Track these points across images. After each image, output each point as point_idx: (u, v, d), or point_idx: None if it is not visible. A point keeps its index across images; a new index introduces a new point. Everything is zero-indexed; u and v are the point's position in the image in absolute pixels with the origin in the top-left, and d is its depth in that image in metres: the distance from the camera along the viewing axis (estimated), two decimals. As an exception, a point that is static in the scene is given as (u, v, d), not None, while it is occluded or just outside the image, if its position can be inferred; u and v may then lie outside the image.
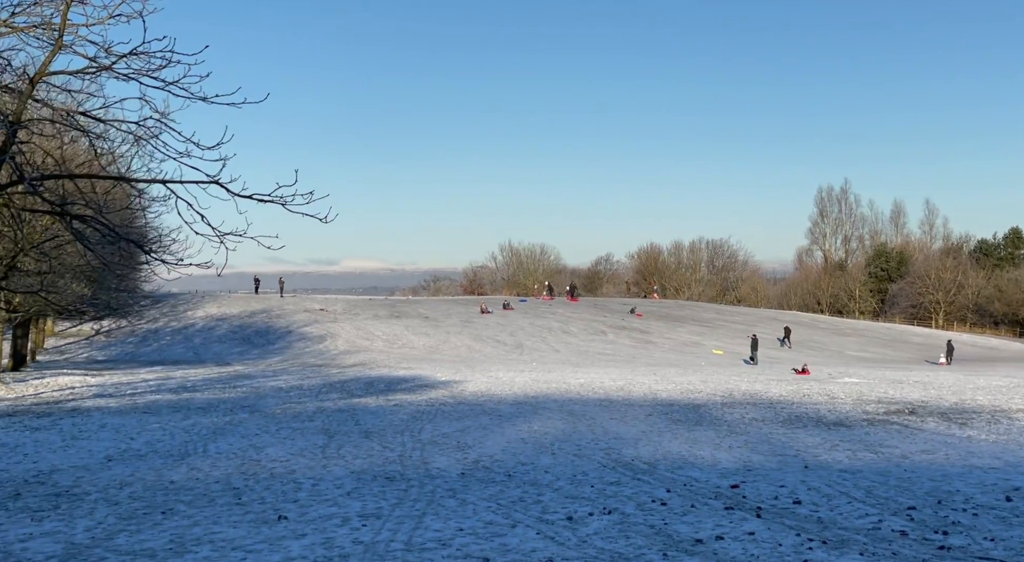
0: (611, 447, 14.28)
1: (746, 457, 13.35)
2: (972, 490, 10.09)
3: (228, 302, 56.22)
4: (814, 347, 54.68)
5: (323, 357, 41.87)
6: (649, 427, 17.52)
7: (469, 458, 12.73)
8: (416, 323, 52.93)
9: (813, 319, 70.03)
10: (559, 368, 36.95)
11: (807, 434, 16.64)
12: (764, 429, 17.46)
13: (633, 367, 38.40)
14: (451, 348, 47.11)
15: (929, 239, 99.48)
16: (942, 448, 14.66)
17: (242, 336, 47.60)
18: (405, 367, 35.85)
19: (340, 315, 54.06)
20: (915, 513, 8.75)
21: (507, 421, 18.18)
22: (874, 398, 24.46)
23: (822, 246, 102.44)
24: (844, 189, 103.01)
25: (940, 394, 26.03)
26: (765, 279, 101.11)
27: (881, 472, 11.58)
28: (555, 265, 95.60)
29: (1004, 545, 7.27)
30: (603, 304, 66.16)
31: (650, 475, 11.22)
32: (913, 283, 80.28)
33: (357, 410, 19.97)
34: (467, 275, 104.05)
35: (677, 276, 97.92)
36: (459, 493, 9.79)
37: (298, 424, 16.81)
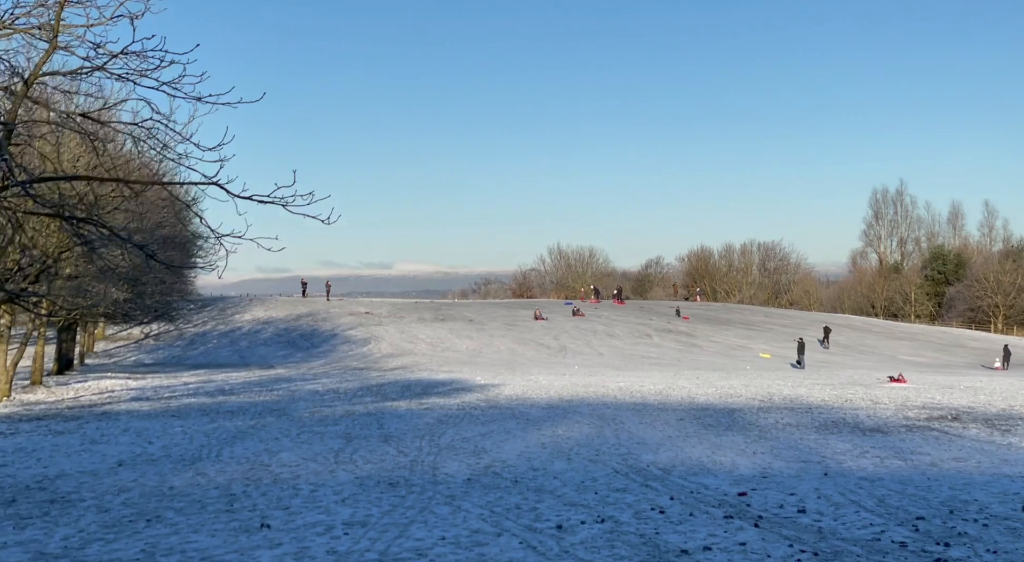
0: (631, 452, 14.02)
1: (767, 463, 12.99)
2: (991, 499, 9.66)
3: (275, 306, 56.90)
4: (865, 351, 53.46)
5: (366, 360, 42.08)
6: (677, 432, 17.20)
7: (481, 463, 12.58)
8: (460, 326, 52.96)
9: (866, 322, 68.53)
10: (600, 371, 36.61)
11: (839, 440, 16.18)
12: (795, 435, 17.02)
13: (676, 371, 37.90)
14: (494, 351, 47.00)
15: (989, 241, 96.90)
16: (976, 455, 14.13)
17: (287, 339, 48.10)
18: (445, 370, 35.84)
19: (385, 318, 54.34)
20: (922, 523, 8.39)
21: (533, 425, 17.99)
22: (919, 404, 23.77)
23: (877, 248, 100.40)
24: (900, 190, 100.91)
25: (989, 400, 25.22)
26: (818, 282, 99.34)
27: (903, 480, 11.16)
28: (603, 268, 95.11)
29: (1006, 557, 6.91)
30: (649, 307, 65.55)
31: (660, 481, 10.95)
32: (971, 286, 78.12)
33: (385, 414, 19.95)
34: (516, 278, 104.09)
35: (728, 279, 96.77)
36: (457, 500, 9.65)
37: (321, 428, 16.83)
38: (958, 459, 13.69)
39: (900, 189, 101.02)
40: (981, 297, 77.05)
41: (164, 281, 29.37)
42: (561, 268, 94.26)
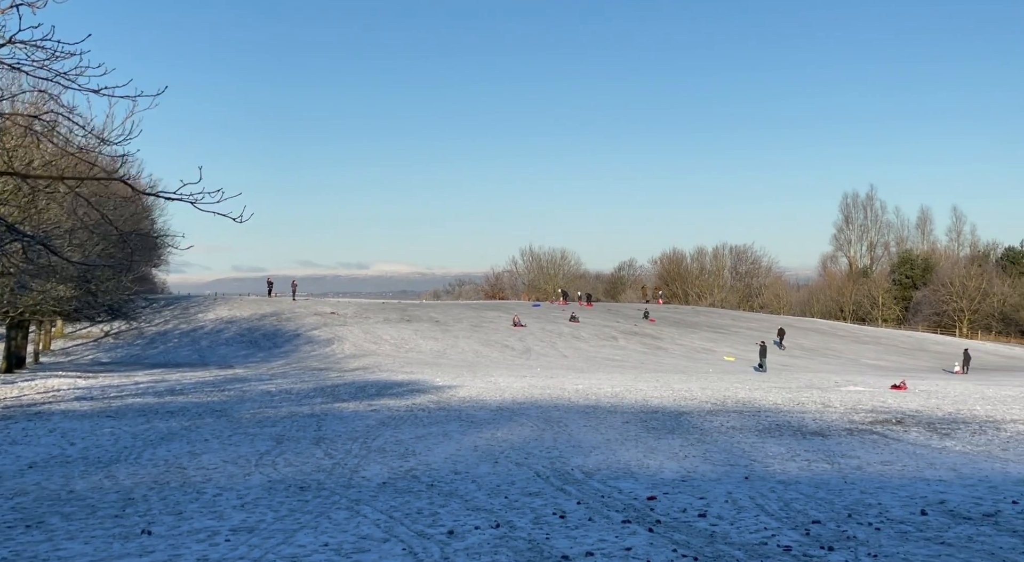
0: (562, 456, 13.93)
1: (694, 467, 12.94)
2: (895, 503, 9.67)
3: (239, 305, 56.44)
4: (829, 355, 53.78)
5: (327, 361, 41.78)
6: (618, 435, 17.13)
7: (404, 467, 12.44)
8: (426, 327, 52.75)
9: (832, 326, 68.96)
10: (562, 374, 36.51)
11: (776, 443, 16.16)
12: (735, 438, 17.00)
13: (637, 374, 37.88)
14: (458, 353, 46.83)
15: (956, 246, 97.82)
16: (905, 459, 14.15)
17: (249, 339, 47.70)
18: (406, 372, 35.61)
19: (350, 319, 54.03)
20: (816, 527, 8.37)
21: (475, 428, 17.87)
22: (869, 407, 23.85)
23: (847, 252, 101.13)
24: (870, 195, 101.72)
25: (939, 404, 25.34)
26: (789, 285, 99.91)
27: (819, 484, 11.15)
28: (575, 270, 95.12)
29: (885, 560, 6.86)
30: (617, 309, 65.63)
31: (578, 485, 10.86)
32: (937, 291, 78.84)
33: (329, 416, 19.76)
34: (488, 280, 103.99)
35: (700, 282, 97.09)
36: (361, 504, 9.51)
37: (256, 430, 16.63)
38: (885, 463, 13.71)
39: (870, 194, 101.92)
40: (947, 301, 77.78)
41: (112, 278, 28.93)
42: (533, 270, 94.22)
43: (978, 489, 10.94)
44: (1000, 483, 11.56)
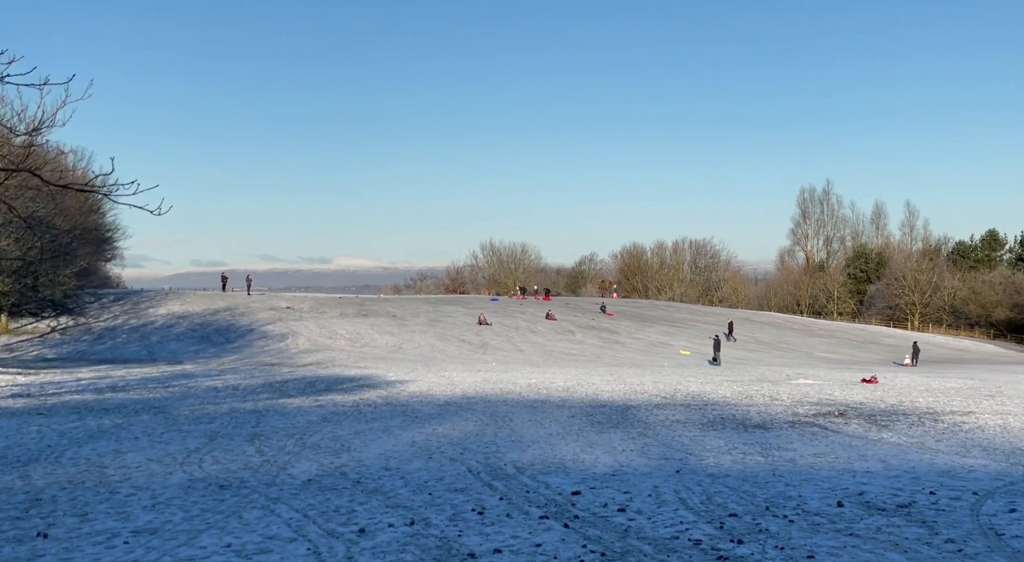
0: (498, 451, 13.85)
1: (629, 461, 12.94)
2: (815, 495, 9.73)
3: (192, 300, 55.69)
4: (783, 348, 54.33)
5: (280, 356, 41.36)
6: (560, 429, 17.09)
7: (335, 463, 12.29)
8: (382, 322, 52.45)
9: (787, 320, 69.70)
10: (517, 368, 36.46)
11: (716, 437, 16.22)
12: (677, 431, 17.04)
13: (592, 367, 37.93)
14: (414, 347, 46.62)
15: (910, 241, 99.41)
16: (838, 451, 14.28)
17: (201, 334, 47.06)
18: (360, 367, 35.35)
19: (306, 313, 53.55)
20: (732, 520, 8.39)
21: (417, 423, 17.74)
22: (814, 400, 24.05)
23: (804, 247, 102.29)
24: (826, 190, 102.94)
25: (884, 396, 25.64)
26: (747, 279, 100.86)
27: (747, 477, 11.19)
28: (535, 264, 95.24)
29: (791, 552, 6.90)
30: (575, 304, 65.74)
31: (506, 481, 10.80)
32: (890, 284, 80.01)
33: (272, 412, 19.52)
34: (449, 274, 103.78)
35: (660, 276, 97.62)
36: (279, 502, 9.36)
37: (191, 426, 16.35)
38: (818, 455, 13.81)
39: (827, 189, 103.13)
40: (899, 295, 78.96)
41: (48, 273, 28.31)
42: (494, 264, 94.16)
43: (901, 480, 11.05)
44: (924, 474, 11.69)
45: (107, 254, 74.64)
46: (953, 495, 9.83)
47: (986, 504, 9.28)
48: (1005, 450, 14.76)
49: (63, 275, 30.06)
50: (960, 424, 18.76)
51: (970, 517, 8.57)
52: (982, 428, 18.13)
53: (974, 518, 8.52)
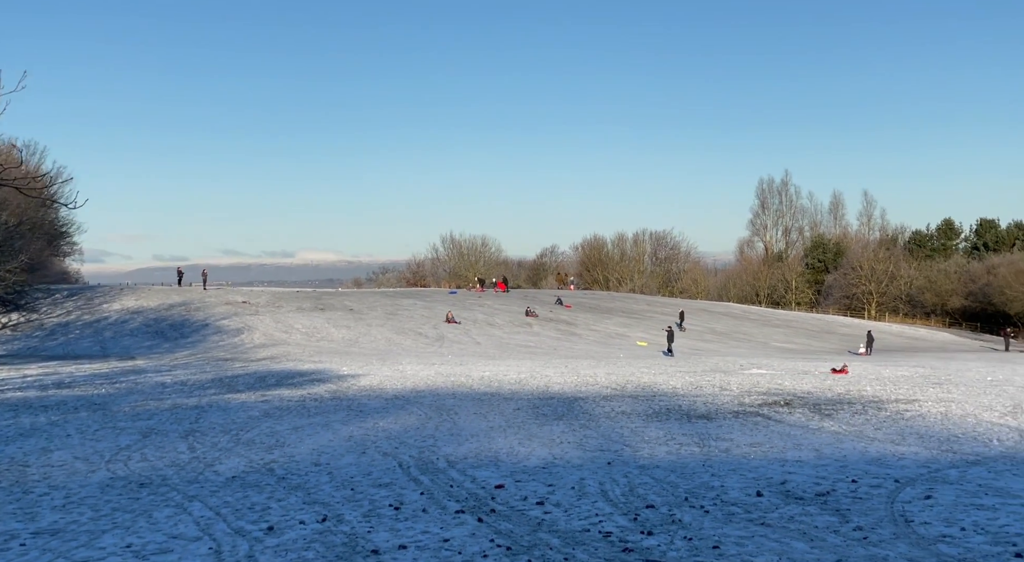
0: (435, 445, 13.77)
1: (564, 453, 12.92)
2: (738, 485, 9.77)
3: (147, 295, 54.96)
4: (740, 338, 54.78)
5: (234, 351, 40.93)
6: (503, 422, 17.04)
7: (265, 459, 12.14)
8: (339, 316, 52.10)
9: (745, 310, 70.30)
10: (472, 361, 36.38)
11: (658, 427, 16.25)
12: (620, 423, 17.07)
13: (547, 360, 37.96)
14: (370, 341, 46.35)
15: (867, 230, 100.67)
16: (776, 440, 14.37)
17: (155, 329, 46.45)
18: (314, 361, 35.07)
19: (262, 308, 53.05)
20: (648, 512, 8.39)
21: (360, 417, 17.62)
22: (763, 389, 24.21)
23: (763, 237, 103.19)
24: (785, 181, 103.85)
25: (833, 385, 25.90)
26: (707, 270, 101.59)
27: (677, 468, 11.22)
28: (496, 256, 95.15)
29: (698, 543, 6.91)
30: (533, 295, 65.80)
31: (434, 475, 10.72)
32: (847, 274, 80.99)
33: (214, 407, 19.28)
34: (411, 267, 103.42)
35: (621, 267, 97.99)
36: (195, 500, 9.21)
37: (127, 423, 16.09)
38: (754, 444, 13.89)
39: (785, 179, 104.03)
40: (856, 284, 79.96)
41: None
42: (454, 257, 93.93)
43: (828, 469, 11.13)
44: (853, 462, 11.80)
45: (62, 249, 73.45)
46: (875, 483, 9.92)
47: (905, 491, 9.38)
48: (941, 437, 14.95)
49: (5, 270, 29.39)
50: (902, 412, 18.99)
51: (885, 504, 8.65)
52: (923, 416, 18.36)
53: (888, 505, 8.59)
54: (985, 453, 12.85)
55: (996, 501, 8.78)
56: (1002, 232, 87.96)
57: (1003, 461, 11.91)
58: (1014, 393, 23.24)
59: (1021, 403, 20.56)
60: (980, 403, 20.65)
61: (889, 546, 6.99)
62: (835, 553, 6.76)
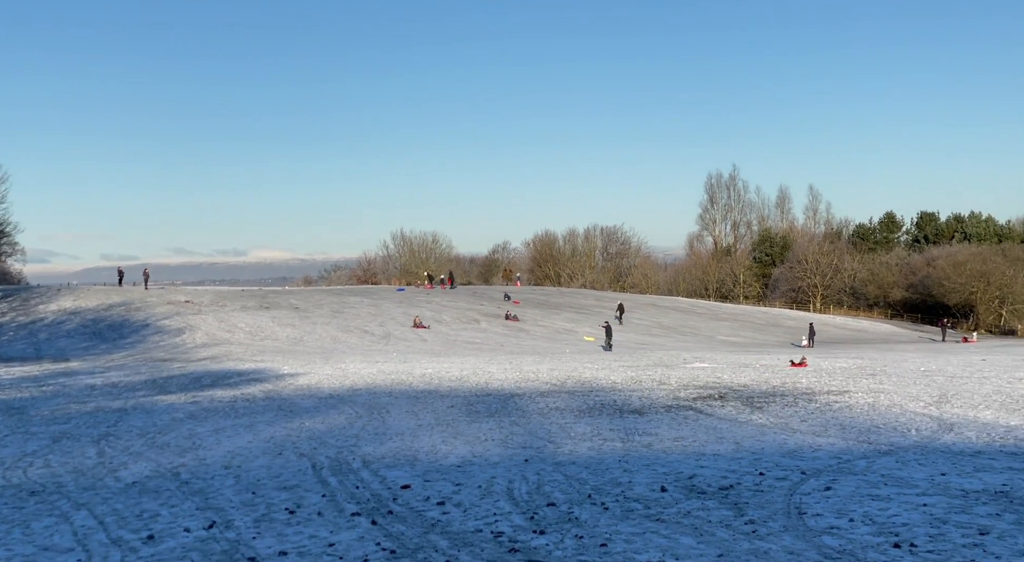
0: (356, 444, 13.58)
1: (484, 451, 12.81)
2: (646, 480, 9.74)
3: (86, 295, 53.81)
4: (686, 332, 55.17)
5: (175, 351, 40.22)
6: (434, 420, 16.89)
7: (173, 464, 11.84)
8: (284, 314, 51.49)
9: (693, 304, 70.87)
10: (416, 358, 36.14)
11: (587, 423, 16.20)
12: (551, 419, 17.01)
13: (492, 356, 37.84)
14: (315, 339, 45.86)
15: (813, 224, 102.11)
16: (700, 434, 14.40)
17: (93, 330, 45.47)
18: (255, 360, 34.58)
19: (205, 307, 52.23)
20: (548, 510, 8.32)
21: (288, 418, 17.35)
22: (701, 383, 24.31)
23: (712, 232, 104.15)
24: (732, 175, 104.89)
25: (771, 378, 26.11)
26: (657, 265, 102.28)
27: (590, 464, 11.16)
28: (447, 253, 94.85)
29: (585, 542, 6.85)
30: (482, 292, 65.66)
31: (345, 476, 10.55)
32: (793, 267, 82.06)
33: (138, 410, 18.86)
34: (361, 265, 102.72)
35: (572, 263, 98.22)
36: (82, 508, 8.92)
37: (42, 428, 15.64)
38: (678, 438, 13.89)
39: (733, 174, 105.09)
40: (801, 277, 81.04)
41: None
42: (405, 254, 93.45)
43: (742, 462, 11.15)
44: (769, 455, 11.85)
45: (2, 249, 71.65)
46: (781, 475, 9.95)
47: (808, 483, 9.42)
48: (862, 428, 15.10)
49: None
50: (831, 403, 19.19)
51: (784, 497, 8.67)
52: (851, 407, 18.57)
53: (787, 498, 8.61)
54: (900, 443, 13.00)
55: (893, 491, 8.85)
56: (941, 225, 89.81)
57: (914, 451, 12.05)
58: (943, 383, 23.65)
59: (947, 393, 20.90)
60: (908, 393, 20.96)
61: (775, 539, 6.98)
62: (720, 547, 6.74)
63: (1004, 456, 11.45)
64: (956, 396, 20.18)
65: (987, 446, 12.50)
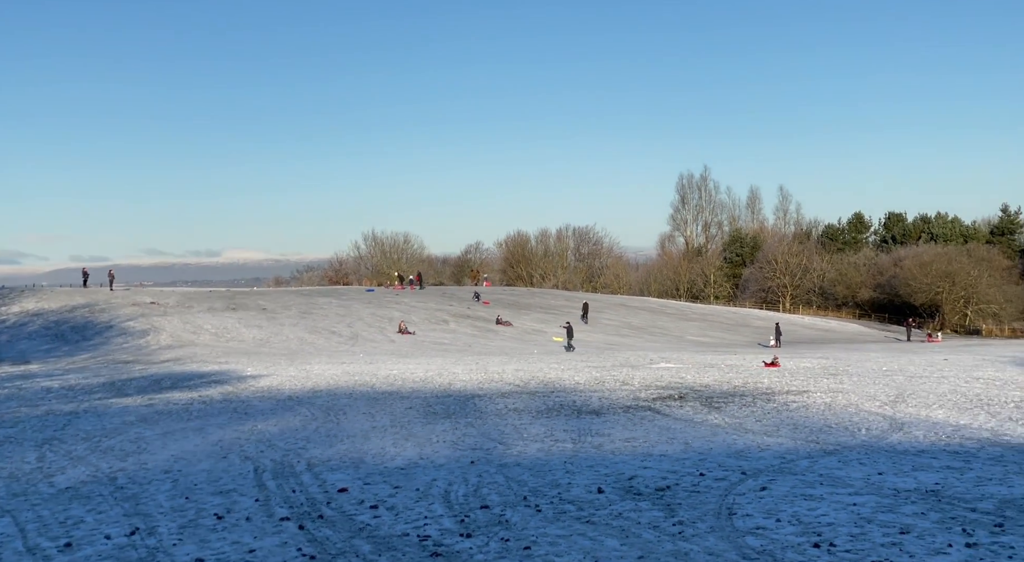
0: (305, 447, 13.45)
1: (433, 453, 12.73)
2: (584, 482, 9.70)
3: (49, 297, 53.11)
4: (655, 332, 55.32)
5: (138, 353, 39.76)
6: (389, 422, 16.78)
7: (113, 468, 11.65)
8: (251, 315, 51.08)
9: (662, 304, 71.10)
10: (382, 360, 35.95)
11: (542, 424, 16.15)
12: (507, 420, 16.96)
13: (460, 357, 37.72)
14: (282, 341, 45.53)
15: (783, 224, 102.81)
16: (652, 434, 14.39)
17: (56, 332, 44.87)
18: (219, 362, 34.24)
19: (171, 308, 51.71)
20: (481, 513, 8.27)
21: (241, 420, 17.17)
22: (664, 383, 24.34)
23: (683, 232, 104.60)
24: (704, 176, 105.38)
25: (733, 377, 26.20)
26: (629, 265, 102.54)
27: (534, 466, 11.11)
28: (419, 254, 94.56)
29: (510, 546, 6.80)
30: (452, 292, 65.51)
31: (287, 479, 10.43)
32: (762, 268, 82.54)
33: (90, 413, 18.60)
34: (332, 265, 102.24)
35: (544, 264, 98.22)
36: (6, 515, 8.73)
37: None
38: (629, 439, 13.87)
39: (704, 175, 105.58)
40: (770, 278, 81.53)
41: None
42: (376, 254, 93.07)
43: (686, 463, 11.14)
44: (714, 455, 11.86)
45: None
46: (721, 476, 9.94)
47: (746, 483, 9.42)
48: (814, 428, 15.16)
49: None
50: (789, 403, 19.27)
51: (718, 498, 8.66)
52: (807, 407, 18.66)
53: (721, 499, 8.61)
54: (847, 443, 13.06)
55: (827, 491, 8.88)
56: (908, 225, 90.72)
57: (859, 451, 12.10)
58: (901, 382, 23.84)
59: (904, 393, 21.07)
60: (866, 393, 21.10)
61: (699, 540, 6.96)
62: (642, 549, 6.71)
63: (946, 455, 11.54)
64: (912, 395, 20.35)
65: (932, 445, 12.59)
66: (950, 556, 6.43)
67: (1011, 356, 36.97)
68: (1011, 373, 27.37)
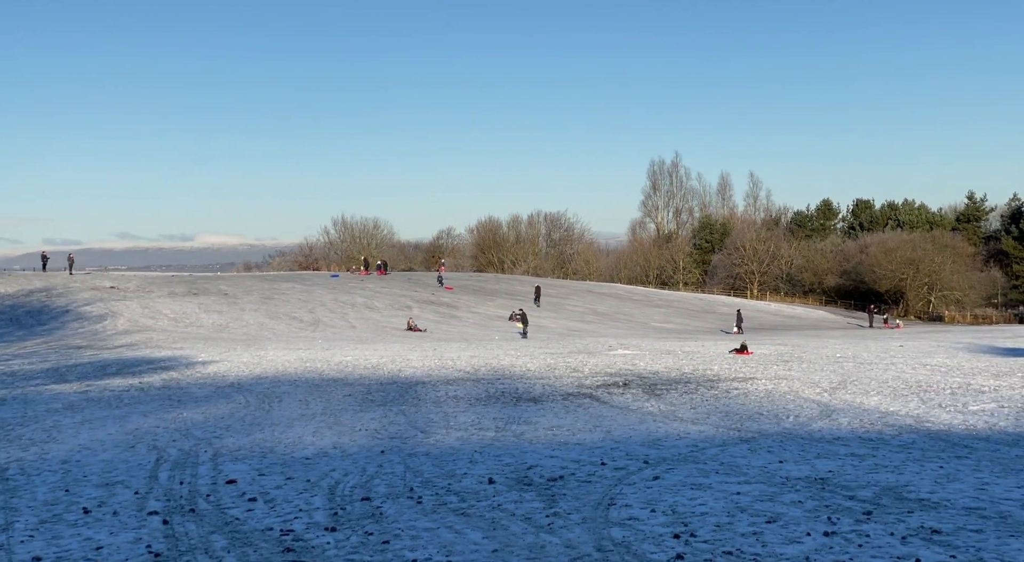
0: (220, 436, 13.20)
1: (350, 442, 12.53)
2: (481, 472, 9.58)
3: (5, 281, 52.31)
4: (620, 319, 55.30)
5: (93, 338, 39.19)
6: (321, 410, 16.56)
7: (11, 458, 11.22)
8: (212, 300, 50.54)
9: (629, 291, 71.11)
10: (340, 346, 35.64)
11: (475, 412, 15.98)
12: (443, 407, 16.81)
13: (418, 343, 37.47)
14: (242, 326, 45.06)
15: (753, 211, 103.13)
16: (579, 423, 14.25)
17: (10, 317, 44.20)
18: (174, 348, 33.79)
19: (131, 293, 51.05)
20: (359, 505, 8.09)
21: (172, 408, 16.90)
22: (614, 370, 24.27)
23: (654, 218, 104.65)
24: (675, 162, 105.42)
25: (685, 364, 26.17)
26: (599, 251, 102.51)
27: (442, 455, 10.95)
28: (389, 239, 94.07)
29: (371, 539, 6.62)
30: (417, 278, 65.18)
31: (180, 470, 10.18)
32: (731, 254, 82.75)
33: (17, 400, 18.27)
34: (302, 250, 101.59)
35: (516, 249, 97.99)
36: None
37: (-101, 420, 14.98)
38: (553, 428, 13.70)
39: (675, 161, 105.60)
40: (739, 264, 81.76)
41: None
42: (346, 239, 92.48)
43: (595, 452, 11.00)
44: (628, 444, 11.73)
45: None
46: (622, 465, 9.81)
47: (643, 473, 9.29)
48: (743, 416, 15.08)
49: None
50: (730, 390, 19.23)
51: (606, 488, 8.52)
52: (747, 394, 18.62)
53: (609, 489, 8.47)
54: (768, 430, 12.98)
55: (718, 480, 8.76)
56: (876, 212, 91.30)
57: (775, 438, 12.02)
58: (849, 369, 23.90)
59: (848, 379, 21.10)
60: (810, 380, 21.12)
61: (564, 532, 6.82)
62: (501, 543, 6.55)
63: (858, 442, 11.47)
64: (855, 382, 20.39)
65: (850, 432, 12.54)
66: (803, 545, 6.33)
67: (967, 343, 37.26)
68: (960, 359, 27.54)
